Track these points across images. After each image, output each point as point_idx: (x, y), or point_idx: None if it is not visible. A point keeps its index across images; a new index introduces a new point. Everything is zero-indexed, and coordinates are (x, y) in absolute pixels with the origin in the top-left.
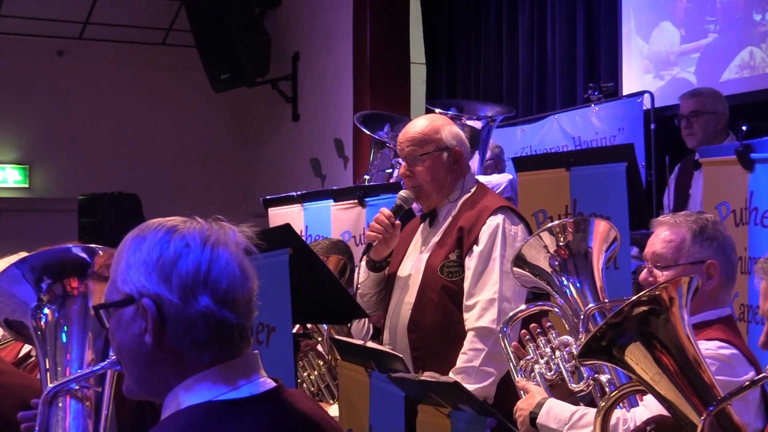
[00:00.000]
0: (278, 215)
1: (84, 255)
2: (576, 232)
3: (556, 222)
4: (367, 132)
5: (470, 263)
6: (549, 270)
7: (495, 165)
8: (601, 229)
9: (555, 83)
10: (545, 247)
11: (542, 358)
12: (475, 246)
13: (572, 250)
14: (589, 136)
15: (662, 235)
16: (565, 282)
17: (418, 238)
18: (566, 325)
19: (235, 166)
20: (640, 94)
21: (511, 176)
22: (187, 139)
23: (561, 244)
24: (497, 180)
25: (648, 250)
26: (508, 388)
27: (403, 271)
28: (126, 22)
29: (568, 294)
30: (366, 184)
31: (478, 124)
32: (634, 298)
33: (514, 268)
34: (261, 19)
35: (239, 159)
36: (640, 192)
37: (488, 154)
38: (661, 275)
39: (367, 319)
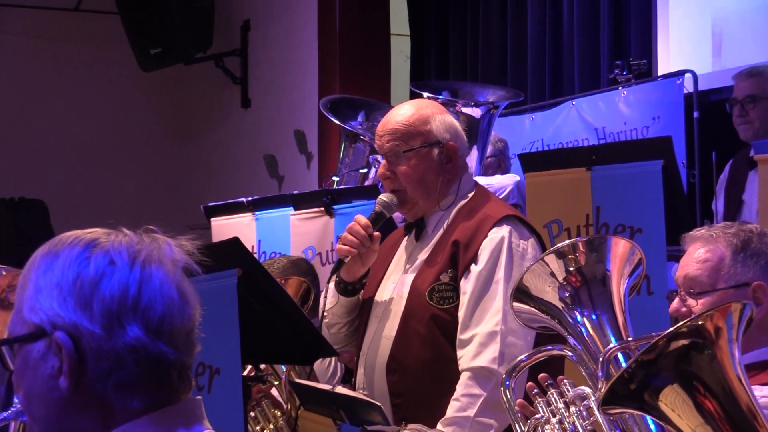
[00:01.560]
0: (224, 227)
1: None
2: (590, 253)
3: (565, 243)
4: (336, 122)
5: (467, 286)
6: (559, 304)
7: (498, 163)
8: (620, 249)
9: (572, 60)
10: (552, 274)
11: (554, 416)
12: (473, 265)
13: (586, 276)
14: (616, 126)
15: (696, 254)
16: (579, 317)
17: (401, 255)
18: (583, 373)
19: (168, 165)
20: (680, 73)
21: (518, 177)
22: (107, 130)
23: (571, 269)
24: (501, 182)
25: (679, 272)
26: None
27: (382, 296)
28: None
29: (584, 333)
30: (335, 187)
31: (476, 112)
32: (672, 329)
33: (515, 303)
34: None
35: (174, 156)
36: (680, 197)
37: (489, 150)
38: (696, 304)
39: (335, 358)
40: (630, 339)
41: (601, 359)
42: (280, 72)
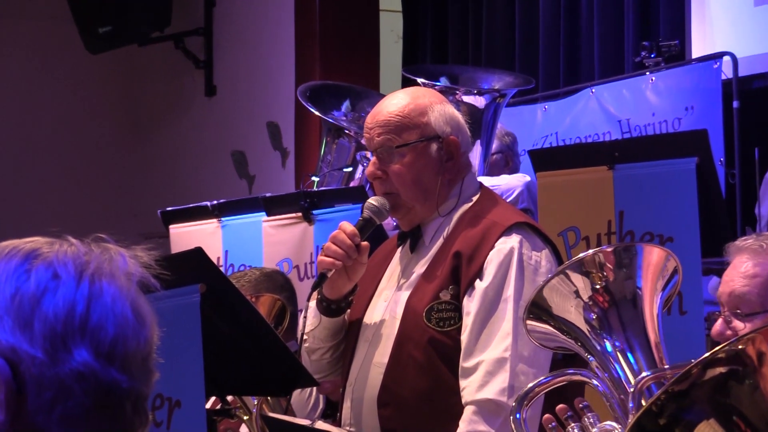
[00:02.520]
0: (184, 235)
1: None
2: (617, 268)
3: (588, 253)
4: (317, 112)
5: (471, 306)
6: (584, 327)
7: (505, 161)
8: (653, 258)
9: (592, 40)
10: (576, 292)
11: None
12: (478, 281)
13: (614, 295)
14: (643, 118)
15: (743, 268)
16: (607, 343)
17: (394, 269)
18: (608, 404)
19: (120, 163)
20: (718, 56)
21: (528, 177)
22: (48, 122)
23: (598, 286)
24: (508, 183)
25: (723, 289)
26: None
27: (371, 317)
28: None
29: (612, 359)
30: (315, 189)
31: (479, 102)
32: (707, 355)
33: (529, 321)
34: None
35: (126, 152)
36: (717, 201)
37: (495, 145)
38: (744, 327)
39: (316, 388)
40: (666, 367)
41: (631, 390)
42: (251, 54)
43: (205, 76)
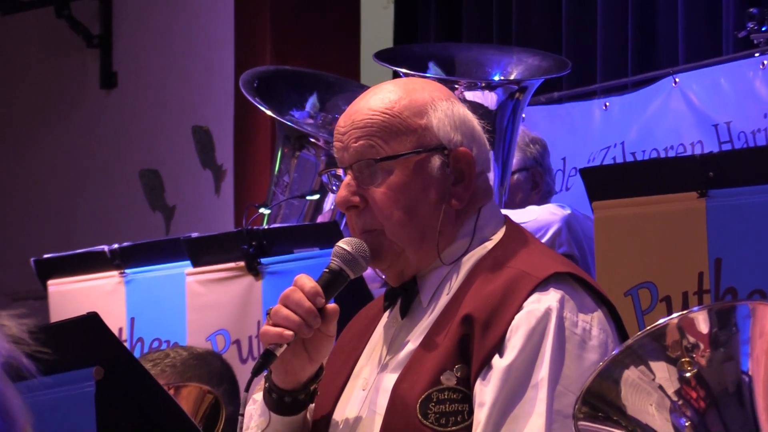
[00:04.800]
0: (70, 294)
1: None
2: (714, 347)
3: (670, 320)
4: (269, 112)
5: (486, 394)
6: None
7: (531, 182)
8: None
9: (674, 9)
10: (655, 381)
11: None
12: (497, 357)
13: (712, 389)
14: (750, 120)
15: None
16: None
17: (377, 342)
18: None
19: None
20: None
21: (568, 209)
22: None
23: (688, 374)
24: (539, 218)
25: None
26: None
27: (343, 413)
28: None
29: None
30: (264, 226)
31: (489, 99)
32: None
33: (582, 423)
34: None
35: None
36: None
37: (517, 159)
38: None
39: None
40: None
41: None
42: (168, 28)
43: (100, 58)
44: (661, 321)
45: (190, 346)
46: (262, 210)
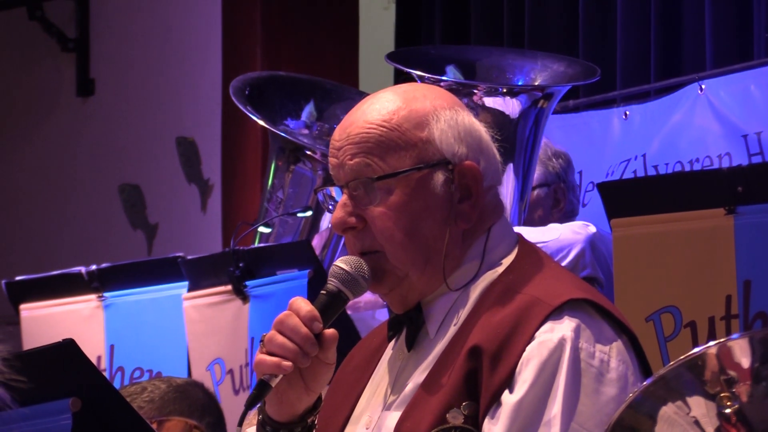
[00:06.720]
0: (43, 320)
1: None
2: (756, 381)
3: (706, 348)
4: (260, 122)
5: None
6: None
7: (554, 198)
8: None
9: (701, 11)
10: (690, 415)
11: None
12: (506, 392)
13: (754, 428)
14: None
15: None
16: None
17: (381, 377)
18: None
19: None
20: None
21: (593, 228)
22: None
23: (728, 411)
24: (561, 238)
25: None
26: None
27: None
28: None
29: None
30: (255, 245)
31: (511, 106)
32: None
33: None
34: None
35: None
36: None
37: (538, 173)
38: None
39: None
40: None
41: None
42: (150, 31)
43: (77, 64)
44: (696, 349)
45: (169, 377)
46: (262, 229)
